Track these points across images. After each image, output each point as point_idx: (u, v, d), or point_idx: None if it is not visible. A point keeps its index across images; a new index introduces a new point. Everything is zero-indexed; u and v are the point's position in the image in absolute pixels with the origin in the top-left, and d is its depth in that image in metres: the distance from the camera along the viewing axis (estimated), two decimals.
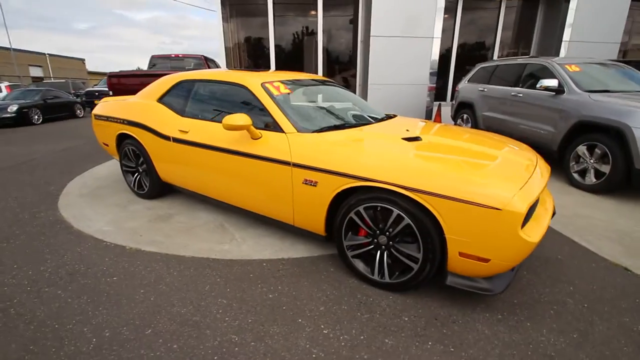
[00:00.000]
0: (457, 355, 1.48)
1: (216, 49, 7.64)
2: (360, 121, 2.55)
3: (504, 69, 5.37)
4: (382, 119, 2.69)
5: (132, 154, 3.24)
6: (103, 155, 5.18)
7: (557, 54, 7.78)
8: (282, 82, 2.54)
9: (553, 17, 7.95)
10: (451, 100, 8.55)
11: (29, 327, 1.64)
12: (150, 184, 3.18)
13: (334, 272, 2.11)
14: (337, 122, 2.44)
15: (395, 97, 7.56)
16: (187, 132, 2.62)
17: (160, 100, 2.97)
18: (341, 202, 1.98)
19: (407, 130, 2.30)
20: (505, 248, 1.55)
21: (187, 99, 2.79)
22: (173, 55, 8.22)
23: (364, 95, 7.67)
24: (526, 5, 8.32)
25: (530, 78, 4.76)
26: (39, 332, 1.61)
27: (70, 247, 2.41)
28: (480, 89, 5.70)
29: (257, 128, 2.24)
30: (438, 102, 7.95)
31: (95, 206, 3.19)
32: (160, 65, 8.33)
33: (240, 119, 2.11)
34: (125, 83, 6.19)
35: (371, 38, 7.08)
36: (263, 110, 2.33)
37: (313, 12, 7.78)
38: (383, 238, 1.88)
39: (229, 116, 2.13)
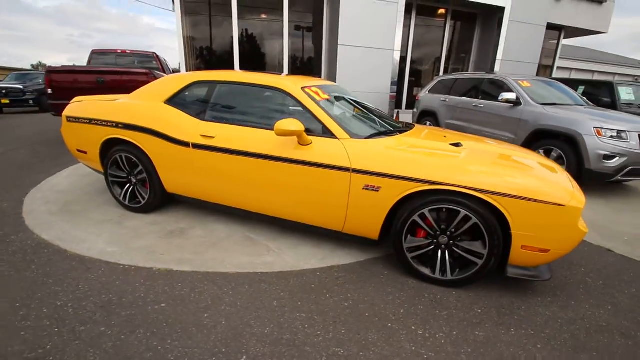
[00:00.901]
0: (539, 336, 1.66)
1: (145, 47, 7.07)
2: (390, 128, 2.65)
3: (463, 82, 6.04)
4: (408, 127, 2.81)
5: (126, 163, 2.83)
6: (48, 164, 4.38)
7: (492, 69, 8.99)
8: (318, 87, 2.51)
9: (487, 40, 9.18)
10: (407, 108, 9.25)
11: None
12: (150, 196, 2.82)
13: (389, 275, 2.16)
14: (380, 129, 2.49)
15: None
16: (212, 137, 2.41)
17: (170, 102, 2.67)
18: (400, 205, 2.04)
19: (445, 136, 2.48)
20: (565, 239, 1.79)
21: (207, 101, 2.56)
22: (119, 51, 7.33)
23: None
24: (465, 26, 9.46)
25: (489, 90, 5.44)
26: None
27: (80, 275, 2.02)
28: (442, 99, 6.30)
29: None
30: (397, 110, 8.55)
31: (80, 224, 2.70)
32: (102, 62, 7.36)
33: (293, 124, 2.03)
34: (71, 80, 5.37)
35: (339, 47, 7.30)
36: (305, 115, 2.27)
37: (267, 16, 7.71)
38: (444, 238, 2.00)
39: (282, 121, 2.04)
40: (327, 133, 2.19)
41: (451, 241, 1.99)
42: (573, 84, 6.46)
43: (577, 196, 1.78)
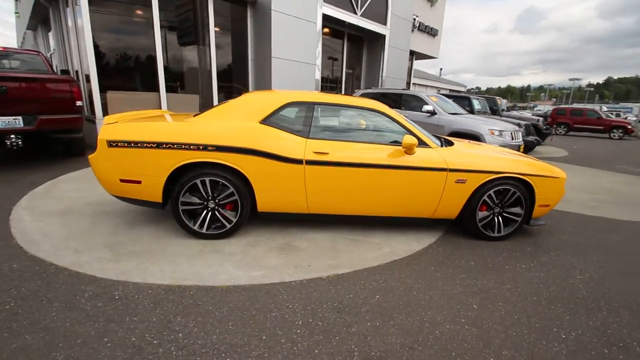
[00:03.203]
0: (547, 270, 2.78)
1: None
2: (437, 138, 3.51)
3: (385, 95, 7.55)
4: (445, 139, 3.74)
5: (207, 188, 2.64)
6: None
7: (380, 84, 11.16)
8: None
9: (373, 60, 11.31)
10: None
11: None
12: (239, 218, 2.74)
13: (466, 242, 3.04)
14: (438, 139, 3.32)
15: None
16: (326, 153, 2.68)
17: (266, 122, 2.70)
18: (476, 191, 2.96)
19: (477, 144, 3.55)
20: (558, 198, 3.13)
21: (309, 120, 2.76)
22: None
23: None
24: (353, 46, 11.31)
25: (408, 102, 7.10)
26: None
27: (286, 297, 2.00)
28: None
29: (387, 144, 2.81)
30: None
31: (181, 262, 2.39)
32: None
33: (412, 139, 2.66)
34: None
35: (272, 59, 7.63)
36: (396, 130, 2.88)
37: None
38: (497, 208, 3.05)
39: (407, 136, 2.63)
40: (422, 144, 2.87)
41: (500, 209, 3.06)
42: (448, 97, 9.03)
43: (563, 172, 3.14)
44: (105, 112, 6.19)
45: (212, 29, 7.32)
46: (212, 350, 1.60)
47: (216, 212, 2.74)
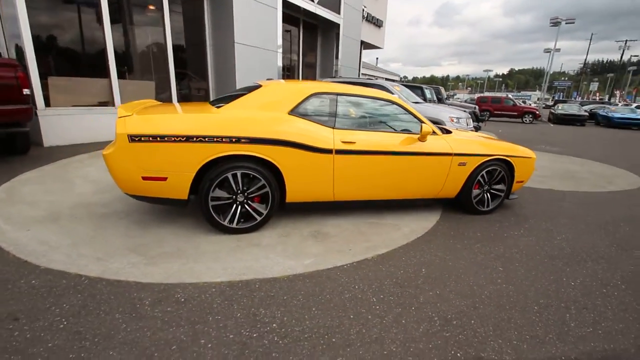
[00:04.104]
0: (535, 234, 3.42)
1: None
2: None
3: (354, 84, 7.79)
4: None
5: (239, 181, 2.58)
6: None
7: (335, 73, 11.39)
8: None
9: (327, 49, 11.46)
10: None
11: None
12: (270, 210, 2.73)
13: (464, 216, 3.47)
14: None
15: None
16: (353, 142, 2.80)
17: (293, 112, 2.69)
18: (473, 172, 3.37)
19: (485, 134, 3.95)
20: (529, 174, 3.73)
21: (334, 111, 2.83)
22: None
23: None
24: (308, 35, 11.31)
25: None
26: None
27: (366, 279, 2.10)
28: None
29: (400, 132, 3.07)
30: None
31: (234, 259, 2.33)
32: None
33: (429, 128, 2.94)
34: None
35: (235, 44, 7.29)
36: (410, 120, 3.13)
37: (153, 8, 6.62)
38: (486, 186, 3.53)
39: (425, 125, 2.89)
40: (421, 131, 3.16)
41: (489, 186, 3.55)
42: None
43: (533, 153, 3.74)
44: (47, 103, 5.32)
45: (167, 10, 6.68)
46: (313, 334, 1.67)
47: (246, 206, 2.69)
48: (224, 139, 2.45)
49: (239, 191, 2.63)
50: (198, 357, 1.49)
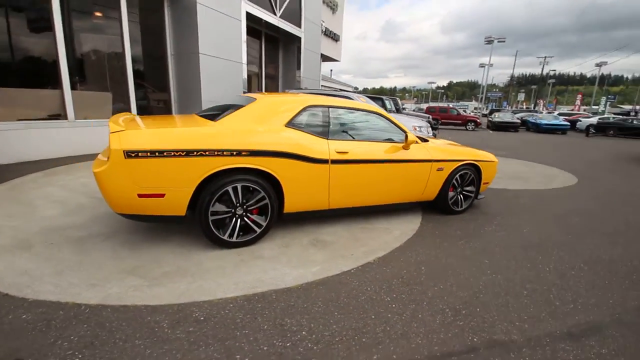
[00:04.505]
0: (505, 229, 3.88)
1: None
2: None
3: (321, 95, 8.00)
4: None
5: (239, 194, 2.56)
6: None
7: (298, 84, 11.57)
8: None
9: (289, 61, 11.64)
10: None
11: None
12: (269, 222, 2.74)
13: (441, 216, 3.76)
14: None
15: None
16: (346, 152, 2.93)
17: (290, 125, 2.75)
18: (450, 176, 3.69)
19: (450, 142, 4.29)
20: (493, 176, 4.17)
21: (327, 123, 2.94)
22: None
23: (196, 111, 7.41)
24: (270, 47, 11.40)
25: None
26: None
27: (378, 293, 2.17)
28: None
29: (384, 142, 3.28)
30: None
31: (212, 273, 2.28)
32: None
33: (414, 137, 3.19)
34: None
35: (200, 55, 7.13)
36: (393, 130, 3.36)
37: (108, 13, 6.24)
38: (459, 189, 3.87)
39: (410, 135, 3.13)
40: (406, 140, 3.41)
41: (461, 189, 3.90)
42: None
43: (495, 157, 4.19)
44: None
45: (125, 15, 6.34)
46: (343, 337, 1.73)
47: (245, 218, 2.67)
48: (224, 152, 2.43)
49: (238, 204, 2.61)
50: None
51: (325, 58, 15.46)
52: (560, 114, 25.68)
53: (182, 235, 2.85)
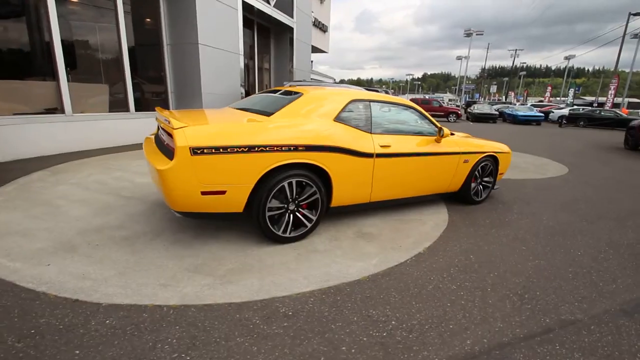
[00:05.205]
0: (526, 217, 4.11)
1: None
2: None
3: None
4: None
5: (294, 190, 2.57)
6: None
7: (290, 75, 11.43)
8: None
9: (281, 52, 11.44)
10: None
11: None
12: (318, 216, 2.77)
13: (461, 205, 3.94)
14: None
15: (222, 105, 7.84)
16: (389, 146, 2.99)
17: (338, 119, 2.77)
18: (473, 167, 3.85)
19: (466, 134, 4.43)
20: (507, 166, 4.39)
21: (368, 117, 2.97)
22: None
23: (195, 103, 7.19)
24: (262, 37, 11.14)
25: None
26: None
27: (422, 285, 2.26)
28: None
29: (417, 135, 3.38)
30: None
31: (277, 269, 2.30)
32: None
33: (448, 131, 3.31)
34: None
35: (200, 46, 6.88)
36: (424, 123, 3.45)
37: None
38: (479, 179, 4.06)
39: (445, 129, 3.23)
40: (441, 133, 3.52)
41: (481, 179, 4.09)
42: None
43: (509, 148, 4.40)
44: None
45: (120, 5, 5.98)
46: (430, 325, 1.82)
47: (297, 213, 2.68)
48: (283, 148, 2.42)
49: (291, 199, 2.62)
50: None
51: (313, 49, 15.31)
52: (533, 105, 26.97)
53: (228, 231, 2.82)
